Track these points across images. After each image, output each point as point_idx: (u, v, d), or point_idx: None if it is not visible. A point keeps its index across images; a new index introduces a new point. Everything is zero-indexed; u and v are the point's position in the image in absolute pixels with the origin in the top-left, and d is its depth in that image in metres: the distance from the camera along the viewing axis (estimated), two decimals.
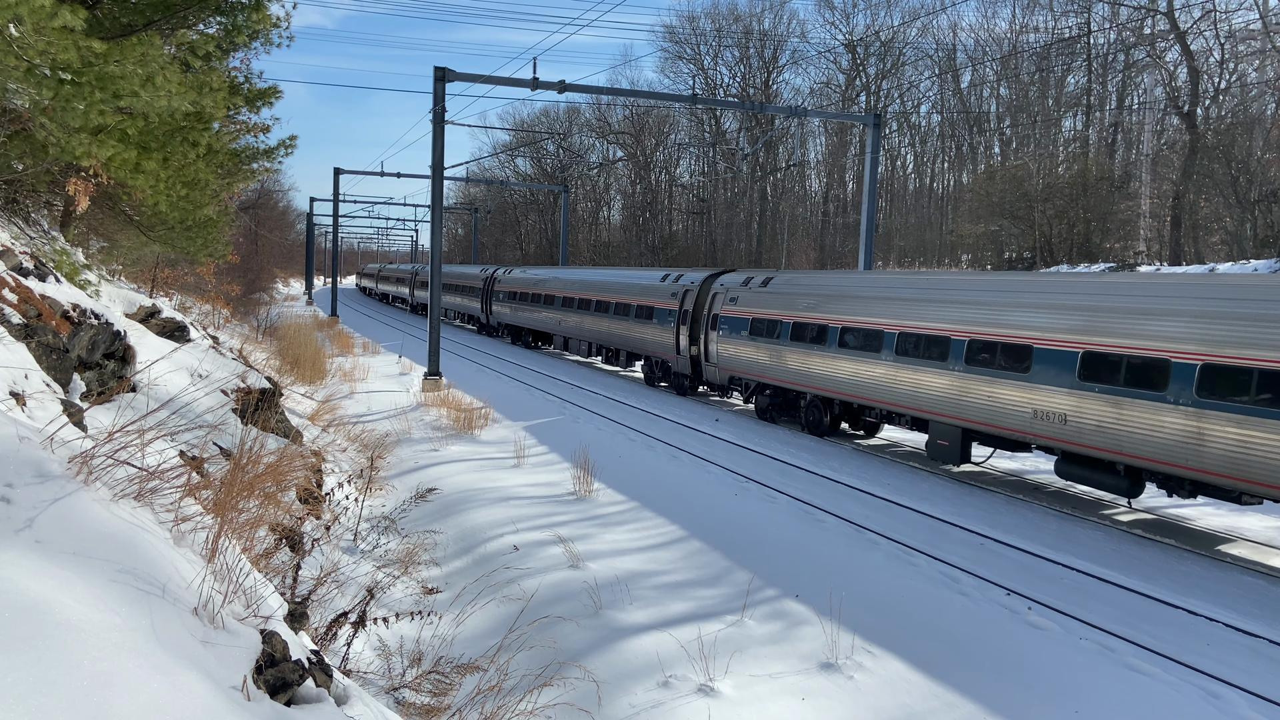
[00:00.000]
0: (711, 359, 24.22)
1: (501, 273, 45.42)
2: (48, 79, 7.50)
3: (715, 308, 24.06)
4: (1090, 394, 13.73)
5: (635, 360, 31.20)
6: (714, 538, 12.16)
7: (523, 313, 40.55)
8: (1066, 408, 14.09)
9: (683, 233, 79.35)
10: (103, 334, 8.92)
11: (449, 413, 20.55)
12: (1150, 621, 9.79)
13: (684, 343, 25.96)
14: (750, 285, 23.09)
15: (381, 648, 8.33)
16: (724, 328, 23.39)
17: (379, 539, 11.95)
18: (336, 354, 33.35)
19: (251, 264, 44.43)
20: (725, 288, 24.10)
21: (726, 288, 24.01)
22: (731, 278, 24.70)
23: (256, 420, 10.59)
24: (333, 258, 69.77)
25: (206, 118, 10.66)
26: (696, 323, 25.40)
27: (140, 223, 16.71)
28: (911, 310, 17.51)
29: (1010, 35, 62.24)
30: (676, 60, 77.20)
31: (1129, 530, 13.64)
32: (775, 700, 7.70)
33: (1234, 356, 11.93)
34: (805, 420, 20.82)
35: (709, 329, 24.23)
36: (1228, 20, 46.47)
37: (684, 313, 25.93)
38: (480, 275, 48.47)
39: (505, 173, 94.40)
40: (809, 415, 20.66)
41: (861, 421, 20.44)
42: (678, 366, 26.55)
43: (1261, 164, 39.84)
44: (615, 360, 32.05)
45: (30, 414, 5.88)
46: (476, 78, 26.43)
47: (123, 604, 3.44)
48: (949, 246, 60.62)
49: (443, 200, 28.33)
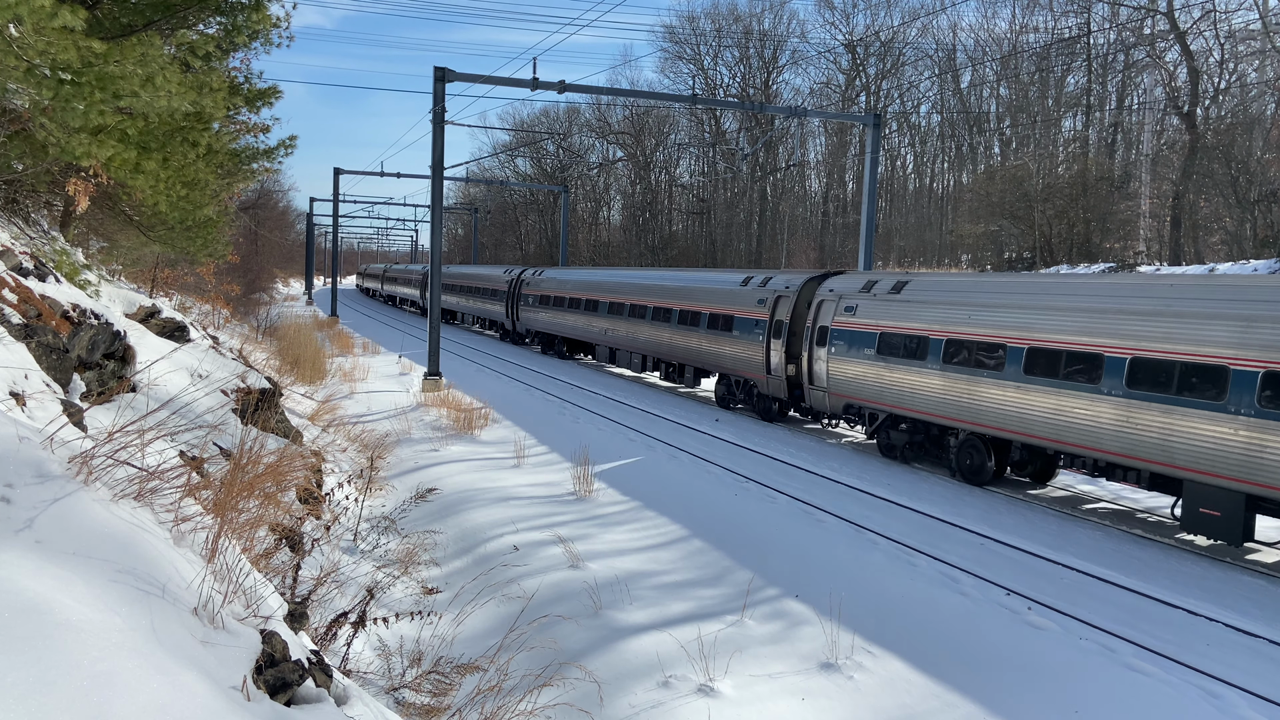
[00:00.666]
0: (818, 381, 19.79)
1: (531, 274, 40.80)
2: (48, 79, 7.50)
3: (824, 319, 19.70)
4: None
5: (704, 377, 26.66)
6: (714, 538, 12.16)
7: (559, 319, 35.99)
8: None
9: (683, 233, 79.39)
10: (103, 334, 8.92)
11: (449, 413, 20.55)
12: (1150, 621, 9.79)
13: (776, 360, 21.59)
14: (875, 291, 18.74)
15: (381, 648, 8.33)
16: (838, 343, 19.06)
17: (379, 539, 11.96)
18: (336, 354, 33.35)
19: (251, 264, 44.41)
20: (837, 294, 19.68)
21: (839, 294, 19.61)
22: (844, 282, 20.19)
23: (256, 420, 10.58)
24: (333, 258, 69.77)
25: (206, 118, 10.66)
26: (795, 336, 21.07)
27: (140, 223, 16.71)
28: (1154, 328, 13.02)
29: (1010, 35, 62.31)
30: (676, 60, 77.33)
31: (1129, 530, 13.64)
32: (775, 700, 7.70)
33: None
34: (957, 464, 16.42)
35: (814, 344, 19.85)
36: (1228, 20, 46.50)
37: (776, 324, 21.64)
38: (505, 277, 44.12)
39: (505, 173, 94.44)
40: (964, 458, 16.31)
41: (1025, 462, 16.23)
42: (768, 389, 22.10)
43: (1261, 164, 39.85)
44: (678, 377, 27.42)
45: (30, 414, 5.88)
46: (476, 78, 26.43)
47: (123, 604, 3.44)
48: (949, 246, 60.65)
49: (443, 200, 28.34)
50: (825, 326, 19.63)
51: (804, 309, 20.91)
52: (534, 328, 39.56)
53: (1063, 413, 14.15)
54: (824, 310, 19.90)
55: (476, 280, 49.52)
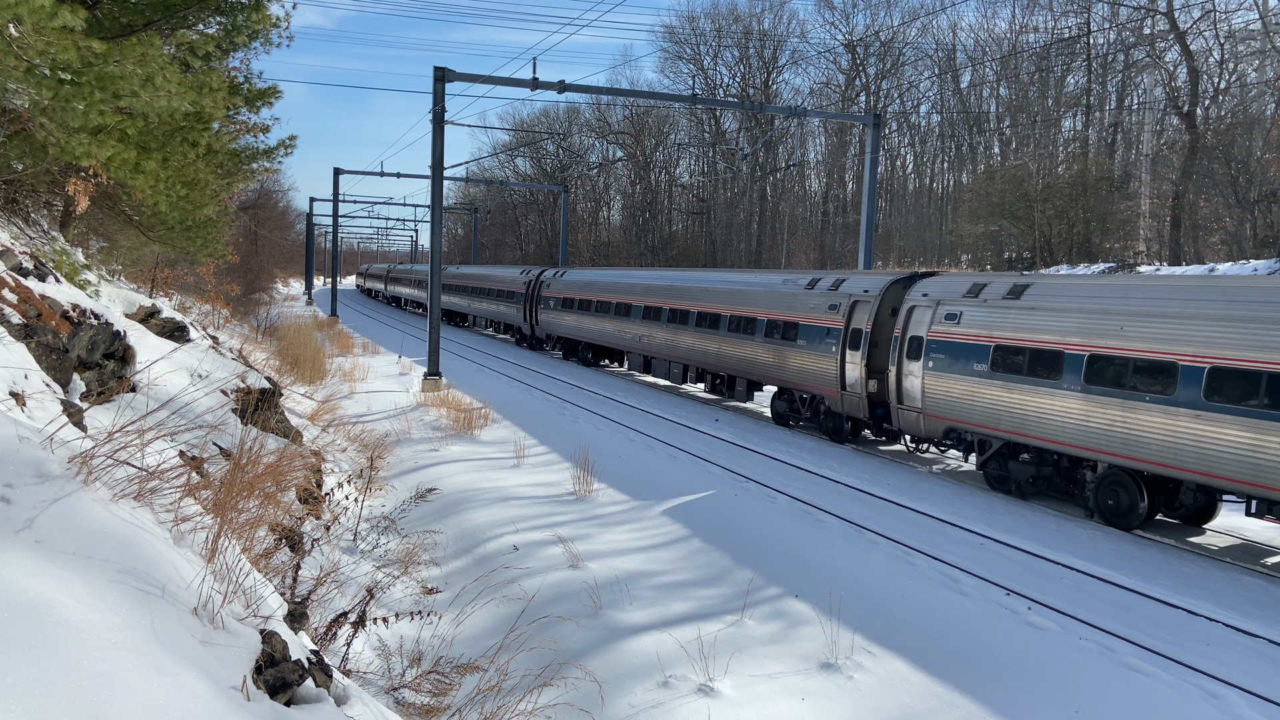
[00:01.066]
0: (909, 400, 17.29)
1: (551, 275, 38.38)
2: (48, 79, 7.50)
3: (916, 327, 17.23)
4: None
5: (757, 390, 24.07)
6: (714, 538, 12.16)
7: (584, 323, 33.56)
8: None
9: (682, 233, 79.41)
10: (102, 334, 8.92)
11: (449, 413, 20.55)
12: (1150, 621, 9.79)
13: (854, 374, 18.99)
14: (985, 296, 16.17)
15: (381, 648, 8.33)
16: (937, 357, 16.55)
17: (379, 539, 11.96)
18: (336, 354, 33.36)
19: (251, 264, 44.40)
20: (933, 300, 17.16)
21: (936, 300, 17.09)
22: (942, 285, 17.57)
23: (256, 420, 10.59)
24: (332, 258, 69.78)
25: (206, 118, 10.66)
26: (875, 347, 18.68)
27: (140, 223, 16.71)
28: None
29: (1010, 35, 62.31)
30: (676, 60, 77.32)
31: (1129, 530, 13.63)
32: (775, 700, 7.70)
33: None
34: (1096, 503, 13.99)
35: (904, 357, 17.37)
36: (1227, 20, 46.50)
37: (853, 333, 19.13)
38: (522, 279, 41.46)
39: (505, 173, 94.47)
40: (1105, 496, 13.87)
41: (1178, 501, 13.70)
42: (841, 406, 19.57)
43: (1261, 164, 39.85)
44: (727, 390, 24.56)
45: (30, 414, 5.88)
46: (476, 78, 26.44)
47: (123, 604, 3.44)
48: (949, 246, 60.67)
49: (443, 200, 28.34)
50: (919, 337, 17.04)
51: (887, 316, 18.48)
52: (555, 332, 37.19)
53: (1266, 450, 11.45)
54: (916, 318, 17.31)
55: (490, 281, 46.79)
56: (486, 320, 49.48)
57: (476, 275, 50.32)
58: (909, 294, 17.96)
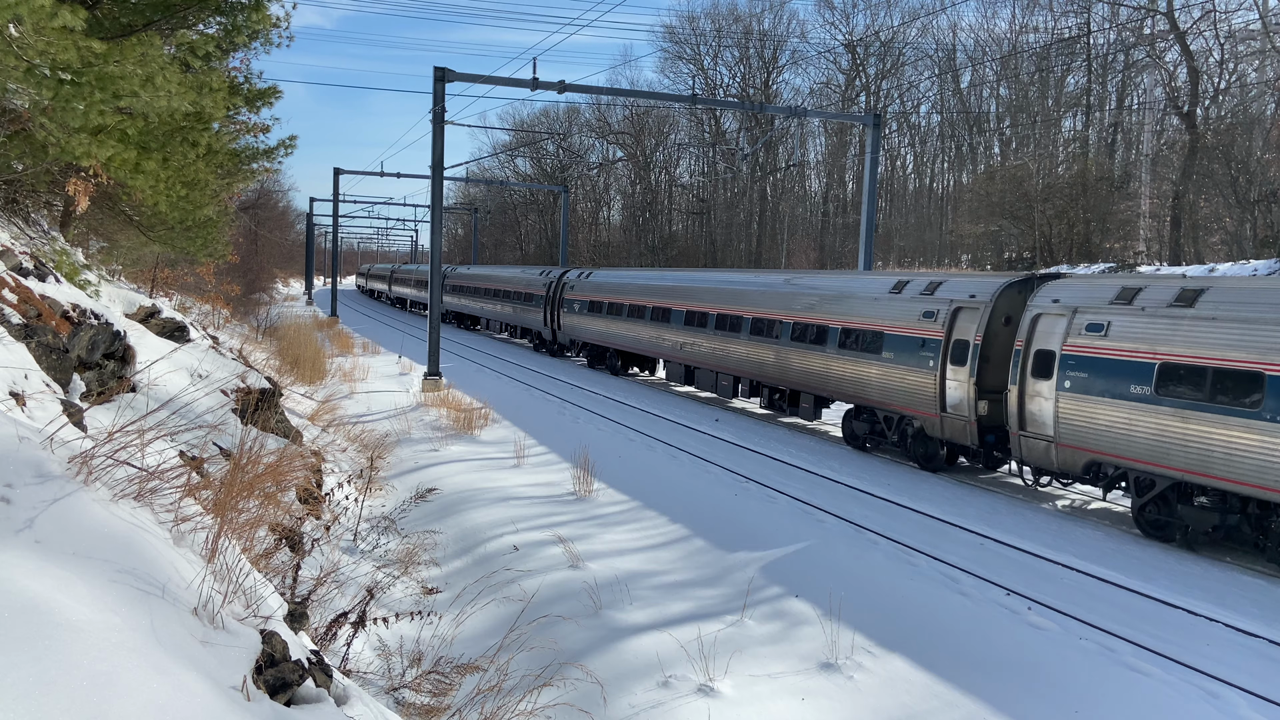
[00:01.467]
0: (1037, 426, 14.65)
1: (576, 276, 36.07)
2: (48, 79, 7.51)
3: (1045, 339, 14.62)
4: None
5: (825, 407, 21.60)
6: (714, 538, 12.16)
7: (614, 329, 31.12)
8: None
9: (682, 233, 79.45)
10: (103, 334, 8.92)
11: (449, 413, 20.55)
12: (1150, 621, 9.79)
13: (959, 393, 16.44)
14: (1141, 302, 13.63)
15: (381, 648, 8.33)
16: (1076, 375, 13.97)
17: (379, 539, 11.96)
18: (336, 354, 33.37)
19: (251, 264, 44.38)
20: (1069, 307, 14.46)
21: (1073, 307, 14.40)
22: (1078, 289, 14.85)
23: (256, 420, 10.59)
24: (333, 258, 69.81)
25: (206, 118, 10.67)
26: (986, 362, 16.12)
27: (140, 223, 16.71)
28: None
29: (1010, 35, 62.36)
30: (676, 60, 77.39)
31: (1129, 530, 13.64)
32: (775, 700, 7.70)
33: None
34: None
35: (1028, 374, 14.76)
36: (1227, 20, 46.50)
37: (956, 345, 16.60)
38: (542, 280, 38.97)
39: (505, 173, 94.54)
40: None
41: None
42: (941, 430, 16.92)
43: (1261, 164, 39.87)
44: (789, 406, 22.23)
45: (30, 414, 5.88)
46: (476, 78, 26.45)
47: (122, 604, 3.44)
48: (949, 247, 60.70)
49: (443, 200, 28.35)
50: (1049, 351, 14.48)
51: (1000, 325, 16.10)
52: (581, 338, 34.80)
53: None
54: (1044, 328, 14.72)
55: (505, 283, 43.96)
56: (501, 324, 46.97)
57: (490, 276, 47.73)
58: (1033, 300, 15.31)
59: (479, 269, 53.91)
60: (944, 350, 16.82)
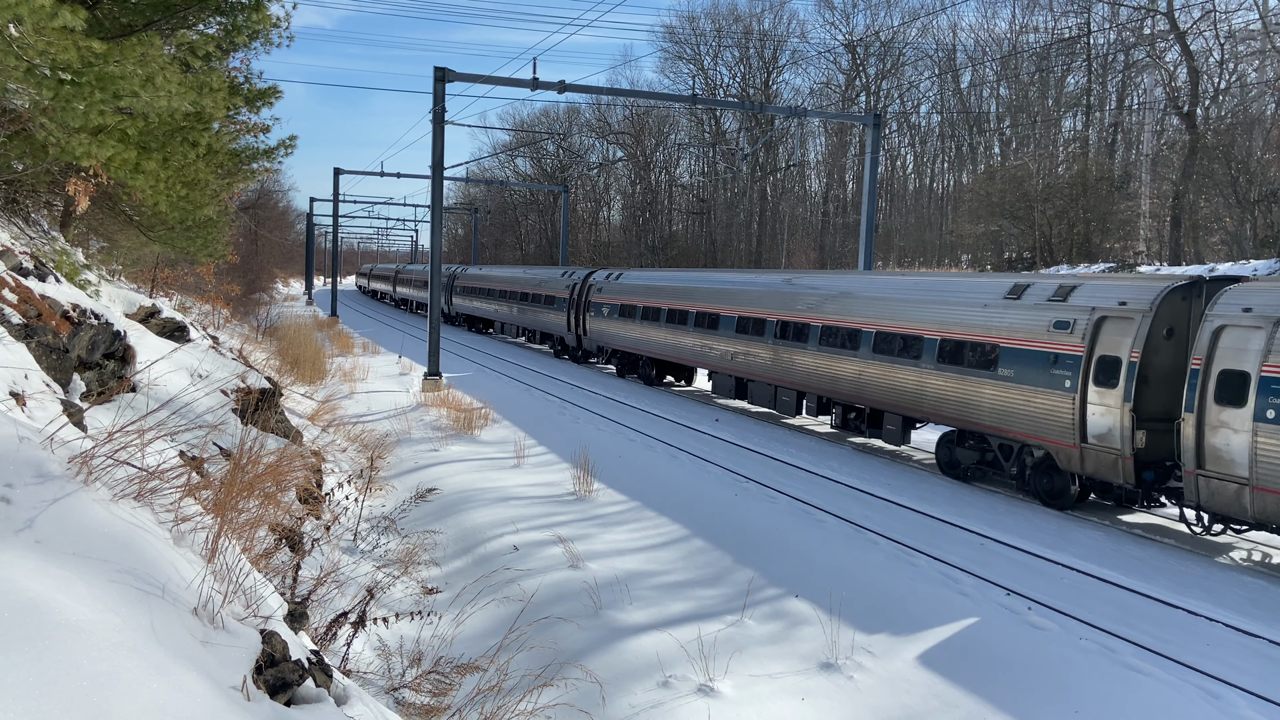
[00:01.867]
0: (1225, 465, 11.98)
1: (603, 277, 33.35)
2: (48, 79, 7.51)
3: (1232, 357, 12.06)
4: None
5: (913, 429, 18.89)
6: (714, 538, 12.16)
7: (650, 335, 28.52)
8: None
9: (683, 233, 79.46)
10: (103, 334, 8.92)
11: (449, 413, 20.55)
12: (1150, 621, 9.79)
13: (1106, 421, 13.71)
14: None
15: (381, 648, 8.33)
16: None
17: (379, 539, 11.96)
18: (336, 354, 33.37)
19: (251, 264, 44.38)
20: (1268, 317, 11.87)
21: (1275, 318, 11.80)
22: (1271, 297, 12.17)
23: (256, 420, 10.59)
24: (333, 258, 69.82)
25: (206, 118, 10.66)
26: (1144, 384, 13.40)
27: (140, 223, 16.71)
28: None
29: (1010, 35, 62.37)
30: (676, 60, 77.40)
31: (1129, 530, 13.64)
32: (775, 700, 7.70)
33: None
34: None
35: (1208, 401, 12.22)
36: (1227, 20, 46.51)
37: (1102, 361, 13.85)
38: (565, 281, 36.33)
39: (505, 173, 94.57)
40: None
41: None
42: (1082, 464, 14.13)
43: (1261, 164, 39.87)
44: (871, 426, 19.56)
45: (30, 414, 5.88)
46: (476, 78, 26.45)
47: (123, 604, 3.44)
48: (949, 247, 60.71)
49: (443, 200, 28.36)
50: (1241, 373, 11.87)
51: (1161, 339, 13.47)
52: (609, 344, 31.99)
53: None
54: (1232, 342, 12.11)
55: (522, 284, 41.04)
56: (517, 329, 44.00)
57: (505, 278, 44.57)
58: (1216, 307, 12.54)
59: (492, 270, 51.03)
60: (1084, 368, 14.05)
